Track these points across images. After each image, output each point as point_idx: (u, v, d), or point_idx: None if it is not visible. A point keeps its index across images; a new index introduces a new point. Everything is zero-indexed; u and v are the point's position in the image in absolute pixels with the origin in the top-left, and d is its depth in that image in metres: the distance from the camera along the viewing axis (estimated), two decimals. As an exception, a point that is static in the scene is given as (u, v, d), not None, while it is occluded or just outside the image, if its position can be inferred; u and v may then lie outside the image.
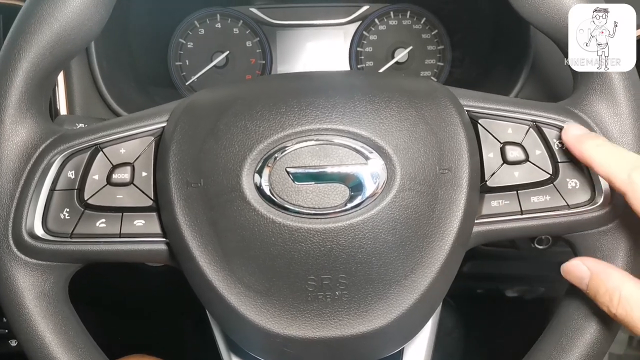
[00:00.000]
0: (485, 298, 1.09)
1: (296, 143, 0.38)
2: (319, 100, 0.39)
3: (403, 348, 0.49)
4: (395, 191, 0.38)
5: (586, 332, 0.43)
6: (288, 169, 0.38)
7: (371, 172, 0.38)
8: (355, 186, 0.38)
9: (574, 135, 0.40)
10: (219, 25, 0.83)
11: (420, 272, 0.39)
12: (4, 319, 0.74)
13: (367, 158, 0.38)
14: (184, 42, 0.82)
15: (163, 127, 0.42)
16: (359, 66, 0.83)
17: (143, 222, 0.41)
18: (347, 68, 0.84)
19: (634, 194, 0.35)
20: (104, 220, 0.40)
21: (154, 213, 0.41)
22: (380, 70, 0.83)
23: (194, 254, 0.39)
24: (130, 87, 0.71)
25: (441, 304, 0.46)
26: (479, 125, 0.42)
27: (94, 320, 0.45)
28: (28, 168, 0.40)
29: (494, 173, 0.41)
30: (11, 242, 0.40)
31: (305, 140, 0.38)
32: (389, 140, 0.38)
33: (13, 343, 0.75)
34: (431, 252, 0.39)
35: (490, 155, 0.42)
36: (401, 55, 0.82)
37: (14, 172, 0.40)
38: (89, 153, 0.41)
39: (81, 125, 0.51)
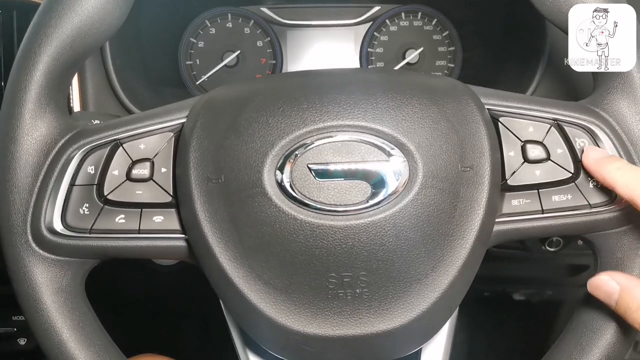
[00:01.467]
0: (492, 300, 1.09)
1: (318, 139, 0.38)
2: (341, 97, 0.39)
3: (421, 348, 0.49)
4: (417, 188, 0.38)
5: (606, 333, 0.43)
6: (310, 165, 0.38)
7: (393, 169, 0.38)
8: (377, 183, 0.38)
9: (595, 158, 0.40)
10: (230, 24, 0.83)
11: (441, 270, 0.39)
12: (13, 317, 0.74)
13: (389, 155, 0.38)
14: (195, 41, 0.82)
15: (182, 123, 0.41)
16: (369, 67, 0.83)
17: (162, 218, 0.41)
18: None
19: None
20: (123, 215, 0.40)
21: (173, 209, 0.41)
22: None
23: (214, 250, 0.39)
24: (142, 85, 0.70)
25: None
26: (499, 123, 0.42)
27: (100, 319, 0.45)
28: (47, 163, 0.40)
29: (514, 171, 0.41)
30: (30, 237, 0.40)
31: (327, 137, 0.38)
32: (411, 138, 0.38)
33: (22, 342, 0.74)
34: (452, 251, 0.39)
35: (511, 154, 0.41)
36: (412, 56, 0.82)
37: (33, 166, 0.40)
38: (108, 148, 0.40)
39: (97, 121, 0.50)
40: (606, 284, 0.39)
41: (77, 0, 0.39)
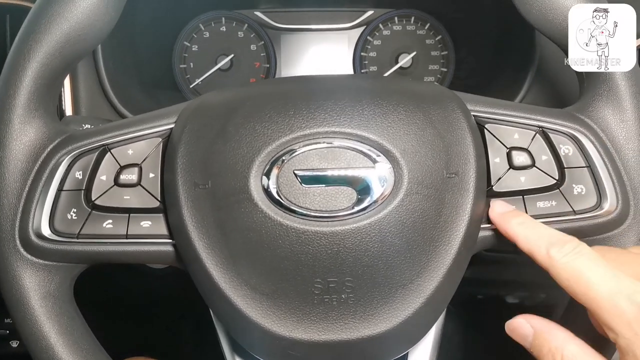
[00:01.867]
0: (485, 304, 1.09)
1: (304, 146, 0.38)
2: (328, 103, 0.39)
3: (407, 352, 0.49)
4: (403, 195, 0.38)
5: None
6: (296, 172, 0.38)
7: (379, 175, 0.38)
8: (362, 189, 0.38)
9: (499, 213, 0.41)
10: (223, 28, 0.83)
11: (427, 276, 0.39)
12: (6, 319, 0.74)
13: (374, 161, 0.38)
14: (189, 44, 0.83)
15: (171, 129, 0.42)
16: (362, 71, 0.83)
17: (150, 223, 0.41)
18: (351, 72, 0.84)
19: (554, 269, 0.36)
20: (110, 221, 0.40)
21: (161, 214, 0.41)
22: (384, 75, 0.83)
23: (201, 255, 0.39)
24: (135, 89, 0.71)
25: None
26: (485, 130, 0.42)
27: (94, 322, 0.45)
28: (36, 168, 0.40)
29: (500, 178, 0.42)
30: (18, 241, 0.40)
31: (314, 143, 0.38)
32: (396, 144, 0.38)
33: (14, 344, 0.74)
34: (437, 256, 0.39)
35: (497, 160, 0.42)
36: (405, 60, 0.82)
37: (22, 171, 0.40)
38: (96, 154, 0.41)
39: (88, 126, 0.51)
40: (521, 326, 0.38)
41: (66, 6, 0.40)
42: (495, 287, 1.02)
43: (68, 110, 0.62)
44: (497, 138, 0.42)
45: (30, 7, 0.61)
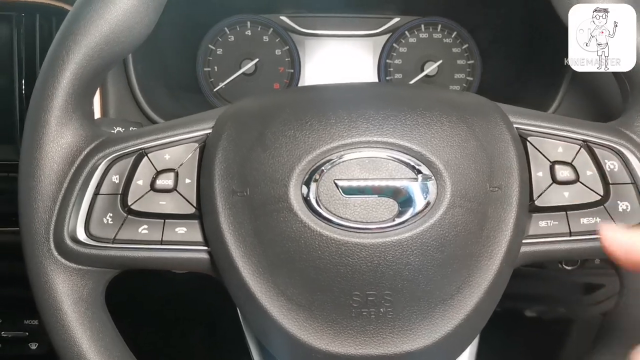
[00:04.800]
0: (503, 317, 1.07)
1: (345, 155, 0.37)
2: (369, 112, 0.38)
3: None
4: (445, 208, 0.37)
5: None
6: (336, 181, 0.37)
7: (421, 187, 0.37)
8: (404, 201, 0.37)
9: (623, 242, 0.31)
10: (249, 32, 0.82)
11: (467, 291, 0.38)
12: (25, 321, 0.74)
13: (417, 173, 0.37)
14: (213, 48, 0.82)
15: (208, 134, 0.41)
16: (387, 78, 0.83)
17: (185, 229, 0.40)
18: (375, 79, 0.83)
19: None
20: (146, 226, 0.40)
21: (196, 221, 0.40)
22: (410, 83, 0.82)
23: (237, 263, 0.38)
24: (161, 92, 0.70)
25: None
26: (528, 142, 0.41)
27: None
28: (72, 171, 0.40)
29: (542, 192, 0.41)
30: (52, 245, 0.39)
31: (355, 153, 0.38)
32: (440, 156, 0.38)
33: (33, 346, 0.74)
34: (479, 272, 0.38)
35: (540, 174, 0.41)
36: (431, 68, 0.81)
37: (58, 174, 0.39)
38: (134, 157, 0.40)
39: (119, 128, 0.50)
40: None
41: (106, 8, 0.39)
42: (514, 301, 1.01)
43: (96, 113, 0.61)
44: (540, 151, 0.41)
45: (58, 7, 0.62)
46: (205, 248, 0.40)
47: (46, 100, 0.39)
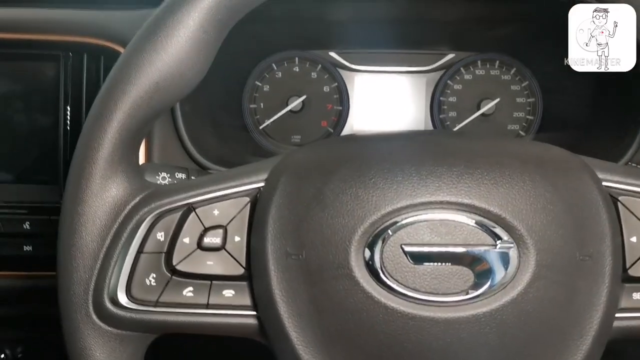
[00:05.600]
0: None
1: (414, 217, 0.34)
2: (441, 169, 0.34)
3: None
4: (529, 280, 0.33)
5: None
6: (404, 246, 0.33)
7: (501, 255, 0.33)
8: (481, 272, 0.33)
9: None
10: (296, 68, 0.80)
11: None
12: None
13: (496, 239, 0.33)
14: (260, 84, 0.80)
15: (260, 188, 0.38)
16: (441, 116, 0.79)
17: (233, 292, 0.37)
18: (428, 117, 0.79)
19: None
20: (191, 288, 0.37)
21: (245, 282, 0.37)
22: (465, 122, 0.78)
23: (290, 334, 0.35)
24: (207, 131, 0.68)
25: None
26: (619, 203, 0.37)
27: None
28: (115, 227, 0.37)
29: (637, 260, 0.36)
30: (91, 308, 0.37)
31: (425, 214, 0.34)
32: (522, 220, 0.33)
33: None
34: (567, 351, 0.34)
35: (633, 240, 0.36)
36: (488, 107, 0.77)
37: (100, 230, 0.37)
38: (180, 213, 0.37)
39: (164, 174, 0.48)
40: None
41: (157, 55, 0.37)
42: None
43: (141, 157, 0.59)
44: (633, 213, 0.36)
45: (107, 47, 0.61)
46: (254, 313, 0.37)
47: (91, 152, 0.37)
